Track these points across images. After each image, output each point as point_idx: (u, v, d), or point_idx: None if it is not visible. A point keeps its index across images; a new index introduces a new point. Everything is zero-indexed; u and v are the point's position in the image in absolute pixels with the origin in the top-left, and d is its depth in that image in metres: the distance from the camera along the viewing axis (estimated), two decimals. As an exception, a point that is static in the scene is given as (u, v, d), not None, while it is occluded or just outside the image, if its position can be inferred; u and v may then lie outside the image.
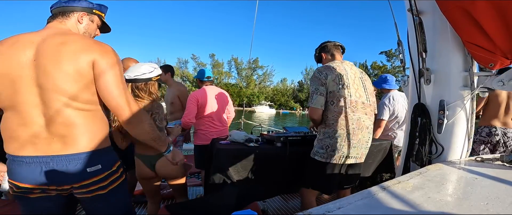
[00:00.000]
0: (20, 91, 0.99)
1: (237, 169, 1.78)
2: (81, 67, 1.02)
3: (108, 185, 1.13)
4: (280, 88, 70.36)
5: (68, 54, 1.01)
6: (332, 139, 1.71)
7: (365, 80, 1.87)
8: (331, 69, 1.74)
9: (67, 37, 1.06)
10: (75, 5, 1.19)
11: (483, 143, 2.85)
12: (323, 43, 1.98)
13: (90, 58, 1.04)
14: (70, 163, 1.04)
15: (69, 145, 1.04)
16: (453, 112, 1.39)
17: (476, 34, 1.23)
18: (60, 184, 1.06)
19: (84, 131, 1.06)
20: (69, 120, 1.03)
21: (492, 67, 1.27)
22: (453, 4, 1.23)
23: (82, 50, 1.04)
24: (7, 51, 1.00)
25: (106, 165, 1.13)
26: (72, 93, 1.02)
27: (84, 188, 1.08)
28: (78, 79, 1.03)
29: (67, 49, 1.02)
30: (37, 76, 0.99)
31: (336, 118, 1.70)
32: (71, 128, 1.04)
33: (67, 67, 1.01)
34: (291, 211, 2.60)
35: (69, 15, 1.18)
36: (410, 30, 1.49)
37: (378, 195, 0.83)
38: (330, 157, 1.71)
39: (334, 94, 1.70)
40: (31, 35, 1.05)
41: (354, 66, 1.88)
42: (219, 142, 2.02)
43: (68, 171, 1.04)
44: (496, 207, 0.76)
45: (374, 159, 2.36)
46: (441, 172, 1.13)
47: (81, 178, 1.06)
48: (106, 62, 1.07)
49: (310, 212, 0.69)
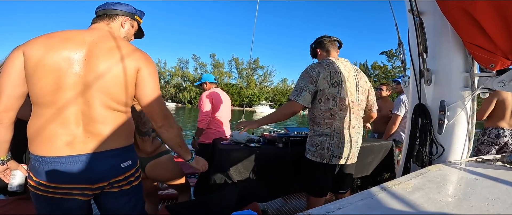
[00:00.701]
0: (64, 88, 1.00)
1: (238, 169, 1.79)
2: (128, 73, 1.08)
3: (135, 180, 1.20)
4: (281, 88, 70.33)
5: (118, 58, 1.07)
6: (321, 137, 1.71)
7: (359, 78, 1.85)
8: (324, 66, 1.72)
9: (118, 42, 1.11)
10: (121, 9, 1.24)
11: (491, 145, 2.85)
12: (319, 38, 1.94)
13: (137, 65, 1.12)
14: (105, 159, 1.08)
15: (104, 143, 1.07)
16: (453, 112, 1.38)
17: (476, 35, 1.23)
18: (96, 181, 1.08)
19: (118, 131, 1.11)
20: (106, 119, 1.07)
21: (492, 68, 1.27)
22: (454, 5, 1.23)
23: (131, 58, 1.10)
24: (59, 46, 0.99)
25: (134, 161, 1.20)
26: (115, 95, 1.08)
27: (116, 183, 1.13)
28: (124, 83, 1.08)
29: (118, 53, 1.08)
30: (86, 75, 1.02)
31: (323, 116, 1.70)
32: (107, 127, 1.08)
33: (117, 71, 1.06)
34: (291, 211, 2.60)
35: (115, 18, 1.23)
36: (411, 31, 1.49)
37: (379, 195, 0.83)
38: (321, 156, 1.71)
39: (324, 92, 1.69)
40: (83, 33, 1.08)
41: (349, 64, 1.85)
42: (220, 142, 2.02)
43: (105, 167, 1.08)
44: (496, 208, 0.76)
45: (375, 159, 2.36)
46: (441, 173, 1.13)
47: (117, 173, 1.12)
48: (149, 71, 1.15)
49: (310, 212, 0.69)
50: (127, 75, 1.09)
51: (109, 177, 1.10)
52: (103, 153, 1.07)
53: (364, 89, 1.87)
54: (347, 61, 1.85)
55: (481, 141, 2.91)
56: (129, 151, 1.17)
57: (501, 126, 2.81)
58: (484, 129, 2.91)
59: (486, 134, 2.88)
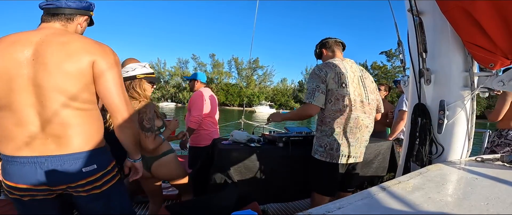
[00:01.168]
0: (16, 90, 0.99)
1: (239, 169, 1.78)
2: (82, 67, 1.03)
3: (103, 184, 1.14)
4: (280, 88, 70.35)
5: (69, 54, 1.02)
6: (330, 138, 1.70)
7: (365, 78, 1.86)
8: (331, 66, 1.73)
9: (68, 37, 1.07)
10: (78, 7, 1.19)
11: (508, 146, 2.81)
12: (324, 39, 1.96)
13: (91, 58, 1.05)
14: (65, 163, 1.04)
15: (65, 146, 1.04)
16: (453, 112, 1.39)
17: (476, 34, 1.23)
18: (55, 184, 1.06)
19: (80, 132, 1.07)
20: (65, 120, 1.03)
21: (492, 67, 1.27)
22: (453, 4, 1.23)
23: (83, 50, 1.05)
24: (6, 50, 0.99)
25: (101, 165, 1.13)
26: (71, 93, 1.03)
27: (80, 187, 1.09)
28: (78, 79, 1.04)
29: (68, 48, 1.03)
30: (35, 76, 1.00)
31: (333, 116, 1.70)
32: (67, 128, 1.04)
33: (69, 67, 1.02)
34: (291, 211, 2.60)
35: (73, 19, 1.18)
36: (410, 30, 1.49)
37: (378, 195, 0.83)
38: (330, 156, 1.70)
39: (333, 92, 1.69)
40: (30, 34, 1.05)
41: (355, 64, 1.87)
42: (221, 142, 2.02)
43: (64, 171, 1.04)
44: (496, 207, 0.76)
45: (375, 159, 2.36)
46: (441, 172, 1.13)
47: (77, 178, 1.07)
48: (106, 63, 1.09)
49: (310, 212, 0.69)
50: (81, 70, 1.03)
51: (67, 181, 1.06)
52: (63, 157, 1.04)
53: (371, 89, 1.87)
54: (353, 61, 1.87)
55: (497, 143, 2.83)
56: (95, 155, 1.11)
57: None
58: (499, 131, 2.83)
59: (502, 136, 2.80)
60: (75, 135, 1.06)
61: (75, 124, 1.06)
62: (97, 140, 1.13)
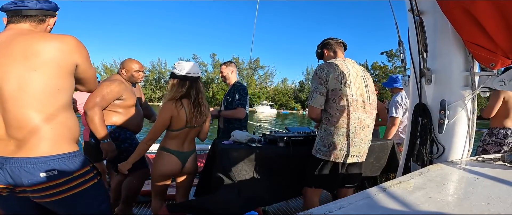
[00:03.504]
0: None
1: (240, 169, 1.78)
2: (40, 65, 1.01)
3: (67, 190, 1.10)
4: (281, 88, 70.32)
5: (27, 54, 1.00)
6: (334, 137, 1.70)
7: (367, 79, 1.86)
8: (333, 66, 1.73)
9: (28, 36, 1.05)
10: (48, 8, 1.17)
11: (499, 145, 2.79)
12: (325, 39, 1.96)
13: (50, 51, 1.03)
14: (23, 166, 1.02)
15: (25, 149, 1.03)
16: (454, 112, 1.38)
17: (477, 34, 1.23)
18: (16, 186, 1.05)
19: (43, 136, 1.04)
20: (26, 124, 1.02)
21: (493, 67, 1.27)
22: (454, 4, 1.23)
23: (43, 47, 1.03)
24: None
25: (65, 171, 1.09)
26: (33, 95, 1.01)
27: (38, 192, 1.06)
28: (40, 80, 1.02)
29: (28, 48, 1.01)
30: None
31: (338, 116, 1.70)
32: (28, 132, 1.02)
33: (26, 67, 1.00)
34: (291, 211, 2.60)
35: (45, 20, 1.17)
36: (411, 30, 1.49)
37: (379, 195, 0.83)
38: (333, 155, 1.70)
39: (336, 92, 1.69)
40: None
41: (356, 64, 1.87)
42: (222, 142, 2.02)
43: (21, 175, 1.03)
44: (497, 207, 0.76)
45: (377, 159, 2.36)
46: (442, 172, 1.13)
47: (34, 182, 1.04)
48: (66, 49, 1.07)
49: (311, 212, 0.69)
50: (42, 70, 1.01)
51: (24, 185, 1.04)
52: (21, 160, 1.02)
53: (372, 89, 1.89)
54: (355, 62, 1.87)
55: (488, 142, 2.81)
56: (59, 160, 1.07)
57: (507, 126, 2.74)
58: (491, 129, 2.81)
59: (493, 134, 2.79)
60: (37, 138, 1.03)
61: (36, 127, 1.03)
62: (64, 144, 1.10)
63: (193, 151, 1.87)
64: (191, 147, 1.85)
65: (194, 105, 1.73)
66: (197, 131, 1.85)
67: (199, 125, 1.81)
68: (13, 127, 1.02)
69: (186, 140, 1.80)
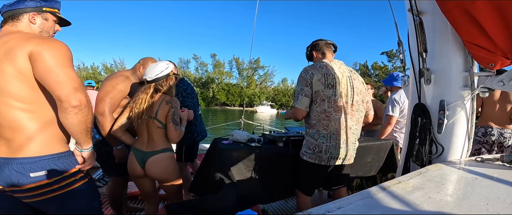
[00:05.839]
0: None
1: (239, 169, 1.79)
2: (20, 64, 1.02)
3: (56, 190, 1.11)
4: (281, 88, 70.35)
5: (6, 54, 1.02)
6: (317, 140, 1.71)
7: (354, 79, 1.83)
8: (317, 68, 1.73)
9: (9, 36, 1.06)
10: (22, 6, 1.17)
11: (479, 143, 2.81)
12: (315, 41, 1.96)
13: (27, 49, 1.02)
14: (12, 166, 1.04)
15: (15, 149, 1.04)
16: (453, 112, 1.38)
17: (476, 34, 1.23)
18: (5, 185, 1.06)
19: (31, 136, 1.05)
20: (14, 124, 1.03)
21: (492, 67, 1.27)
22: (454, 4, 1.23)
23: (21, 45, 1.03)
24: None
25: (55, 171, 1.10)
26: (18, 95, 1.02)
27: (27, 192, 1.07)
28: (19, 78, 1.03)
29: (5, 48, 1.03)
30: None
31: (318, 118, 1.70)
32: (16, 132, 1.04)
33: (6, 68, 1.01)
34: (291, 211, 2.60)
35: (19, 17, 1.17)
36: (411, 30, 1.49)
37: (378, 195, 0.83)
38: (319, 158, 1.71)
39: (318, 93, 1.69)
40: None
41: (343, 65, 1.85)
42: (221, 142, 2.03)
43: (10, 175, 1.04)
44: (496, 207, 0.76)
45: (375, 159, 2.36)
46: (441, 172, 1.13)
47: (23, 182, 1.05)
48: (44, 48, 1.03)
49: (310, 212, 0.69)
50: (20, 67, 1.01)
51: (11, 184, 1.05)
52: (11, 160, 1.04)
53: (360, 90, 1.84)
54: (342, 62, 1.85)
55: None
56: (48, 161, 1.08)
57: (489, 124, 2.77)
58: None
59: (474, 133, 2.83)
60: (25, 139, 1.04)
61: (25, 128, 1.04)
62: (54, 144, 1.11)
63: (158, 152, 1.72)
64: (155, 147, 1.71)
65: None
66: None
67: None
68: (3, 127, 1.03)
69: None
